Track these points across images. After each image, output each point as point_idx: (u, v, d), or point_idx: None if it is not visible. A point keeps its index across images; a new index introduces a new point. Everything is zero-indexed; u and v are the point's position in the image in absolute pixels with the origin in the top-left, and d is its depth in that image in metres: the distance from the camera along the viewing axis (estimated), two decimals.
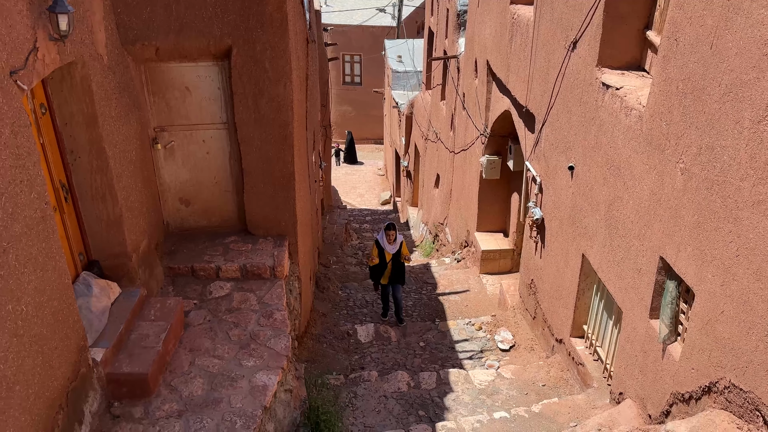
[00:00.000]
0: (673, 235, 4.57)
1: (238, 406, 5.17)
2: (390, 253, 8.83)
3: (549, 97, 7.04)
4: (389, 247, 8.80)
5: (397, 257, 8.86)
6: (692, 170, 4.30)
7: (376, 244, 8.87)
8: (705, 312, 4.21)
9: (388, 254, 8.84)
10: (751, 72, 3.65)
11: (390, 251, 8.82)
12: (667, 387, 4.79)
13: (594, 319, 6.61)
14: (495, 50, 9.25)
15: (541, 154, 7.52)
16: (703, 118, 4.15)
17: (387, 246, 8.79)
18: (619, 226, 5.48)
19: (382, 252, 8.83)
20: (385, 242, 8.78)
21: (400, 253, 8.86)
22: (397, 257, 8.85)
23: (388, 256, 8.85)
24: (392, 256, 8.84)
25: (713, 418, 4.02)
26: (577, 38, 6.22)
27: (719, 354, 4.05)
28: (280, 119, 6.51)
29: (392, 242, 8.77)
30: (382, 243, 8.80)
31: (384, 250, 8.82)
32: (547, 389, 6.97)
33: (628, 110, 5.24)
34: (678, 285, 4.66)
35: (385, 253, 8.84)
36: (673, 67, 4.51)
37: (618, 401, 5.76)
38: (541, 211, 7.52)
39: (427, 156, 16.24)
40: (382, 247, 8.81)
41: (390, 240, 8.74)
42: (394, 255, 8.84)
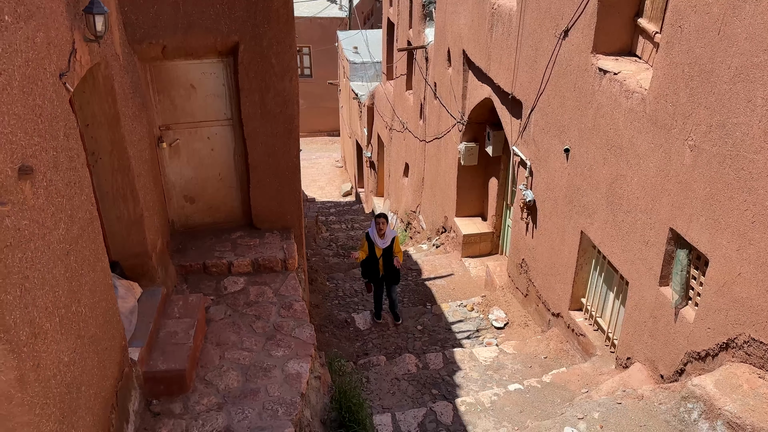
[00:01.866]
0: (684, 207, 4.96)
1: (276, 394, 5.30)
2: (381, 248, 8.10)
3: (539, 84, 7.37)
4: (380, 242, 8.06)
5: (389, 254, 8.14)
6: (702, 146, 4.69)
7: (366, 237, 8.18)
8: (720, 276, 4.62)
9: (379, 249, 8.12)
10: (763, 55, 4.04)
11: (381, 245, 8.09)
12: (680, 348, 5.20)
13: (593, 292, 7.02)
14: (472, 40, 9.54)
15: (530, 138, 7.87)
16: (712, 99, 4.53)
17: (377, 240, 8.05)
18: (623, 202, 5.87)
19: (372, 247, 8.13)
20: (375, 235, 8.04)
21: (391, 249, 8.13)
22: (389, 254, 8.14)
23: (379, 252, 8.13)
24: (383, 251, 8.12)
25: (734, 371, 4.44)
26: (569, 27, 6.56)
27: (737, 313, 4.47)
28: (286, 113, 6.60)
29: (383, 235, 8.03)
30: (372, 236, 8.08)
31: (374, 245, 8.12)
32: (549, 361, 7.36)
33: (629, 93, 5.61)
34: (689, 253, 5.07)
35: (375, 248, 8.13)
36: (678, 52, 4.88)
37: (626, 366, 6.17)
38: (533, 193, 7.87)
39: (393, 146, 16.46)
40: (372, 240, 8.10)
41: (380, 232, 8.00)
42: (385, 250, 8.11)
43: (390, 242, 8.05)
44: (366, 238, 8.13)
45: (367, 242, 8.11)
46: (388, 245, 8.05)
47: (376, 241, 8.06)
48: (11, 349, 2.98)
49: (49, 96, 3.60)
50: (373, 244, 8.09)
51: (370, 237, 8.08)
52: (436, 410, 6.25)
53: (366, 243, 8.13)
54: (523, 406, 6.20)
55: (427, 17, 13.37)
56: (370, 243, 8.10)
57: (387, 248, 8.09)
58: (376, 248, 8.09)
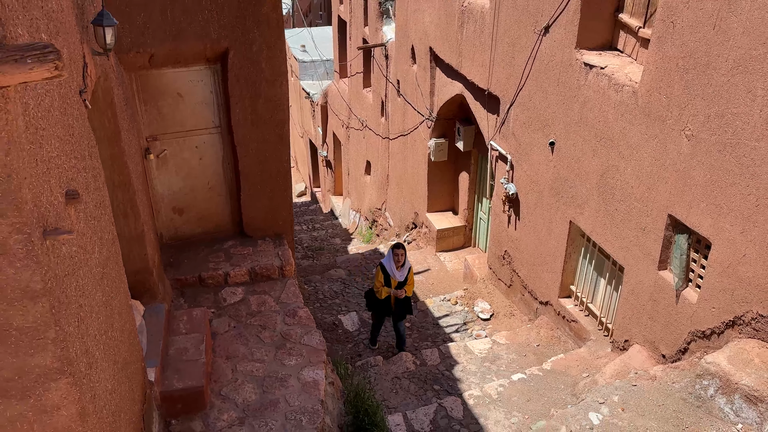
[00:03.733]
0: (683, 194, 5.21)
1: (296, 404, 5.26)
2: (397, 280, 7.25)
3: (518, 80, 7.54)
4: (397, 274, 7.20)
5: (403, 285, 7.33)
6: (701, 136, 4.94)
7: (381, 269, 7.25)
8: (724, 258, 4.89)
9: (394, 282, 7.26)
10: (761, 48, 4.30)
11: (398, 278, 7.22)
12: (683, 328, 5.47)
13: (583, 280, 7.26)
14: (441, 38, 9.64)
15: (509, 133, 8.05)
16: (710, 90, 4.77)
17: (395, 272, 7.19)
18: (616, 191, 6.10)
19: (388, 279, 7.24)
20: (392, 266, 7.16)
21: (406, 281, 7.32)
22: (402, 286, 7.32)
23: (394, 284, 7.28)
24: (398, 284, 7.29)
25: (743, 347, 4.71)
26: (550, 23, 6.74)
27: (743, 291, 4.74)
28: (277, 118, 6.51)
29: (400, 266, 7.18)
30: (389, 268, 7.19)
31: (390, 277, 7.23)
32: (542, 348, 7.58)
33: (620, 87, 5.83)
34: (689, 237, 5.33)
35: (391, 281, 7.26)
36: (671, 46, 5.12)
37: (623, 348, 6.43)
38: (515, 186, 8.06)
39: (352, 144, 16.44)
40: (388, 272, 7.21)
41: (398, 263, 7.15)
42: (400, 283, 7.29)
43: (406, 273, 7.30)
44: (381, 270, 7.26)
45: (383, 274, 7.25)
46: (404, 277, 7.29)
47: (393, 274, 7.21)
48: (74, 382, 2.85)
49: (76, 115, 3.45)
50: (388, 276, 7.24)
51: (385, 269, 7.23)
52: (446, 405, 6.34)
53: (381, 275, 7.27)
54: (529, 395, 6.37)
55: (384, 15, 13.40)
56: (385, 275, 7.25)
57: (402, 281, 7.32)
58: (392, 280, 7.25)
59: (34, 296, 2.59)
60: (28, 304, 2.59)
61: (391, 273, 7.19)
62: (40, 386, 2.79)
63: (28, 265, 2.53)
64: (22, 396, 2.79)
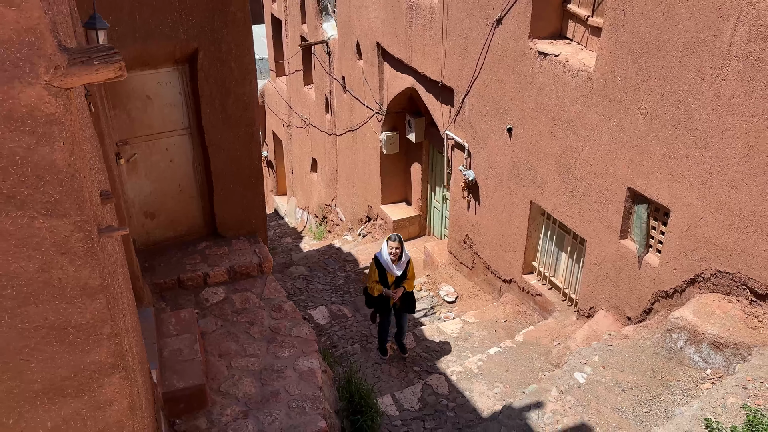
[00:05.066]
0: (641, 168, 5.70)
1: (297, 392, 5.39)
2: (394, 275, 6.63)
3: (472, 71, 7.90)
4: (393, 268, 6.58)
5: (402, 280, 6.72)
6: (655, 113, 5.42)
7: (375, 264, 6.68)
8: (683, 222, 5.39)
9: (391, 277, 6.66)
10: (708, 31, 4.79)
11: (394, 273, 6.60)
12: (647, 290, 5.98)
13: (545, 256, 7.72)
14: (388, 33, 9.90)
15: (465, 122, 8.41)
16: (662, 71, 5.26)
17: (391, 267, 6.57)
18: (576, 170, 6.55)
19: (384, 275, 6.66)
20: (388, 261, 6.55)
21: (405, 276, 6.71)
22: (401, 281, 6.71)
23: (391, 279, 6.68)
24: (395, 279, 6.68)
25: (705, 300, 5.23)
26: (502, 15, 7.13)
27: (702, 251, 5.26)
28: (247, 117, 6.58)
29: (397, 260, 6.59)
30: (384, 262, 6.58)
31: (386, 272, 6.65)
32: (510, 323, 7.99)
33: (574, 72, 6.27)
34: (648, 207, 5.82)
35: (387, 276, 6.67)
36: (623, 32, 5.58)
37: (589, 315, 6.91)
38: (474, 172, 8.43)
39: (294, 143, 16.47)
40: (383, 267, 6.62)
41: (394, 257, 6.56)
42: (398, 278, 6.67)
43: (405, 267, 6.67)
44: (375, 264, 6.68)
45: (377, 269, 6.67)
46: (402, 271, 6.65)
47: (389, 268, 6.60)
48: (126, 376, 2.93)
49: (87, 118, 3.48)
50: (384, 271, 6.66)
51: (380, 263, 6.64)
52: (431, 383, 6.62)
53: (375, 270, 6.69)
54: (507, 366, 6.74)
55: (323, 12, 13.53)
56: (380, 269, 6.67)
57: (400, 275, 6.68)
58: (388, 275, 6.67)
59: (92, 293, 2.65)
60: (86, 302, 2.65)
61: (386, 267, 6.58)
62: (95, 382, 2.84)
63: (88, 262, 2.59)
64: (77, 393, 2.83)
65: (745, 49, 4.55)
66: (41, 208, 2.42)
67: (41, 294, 2.56)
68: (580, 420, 4.81)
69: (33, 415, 2.79)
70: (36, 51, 2.22)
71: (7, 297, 2.51)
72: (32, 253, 2.47)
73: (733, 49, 4.63)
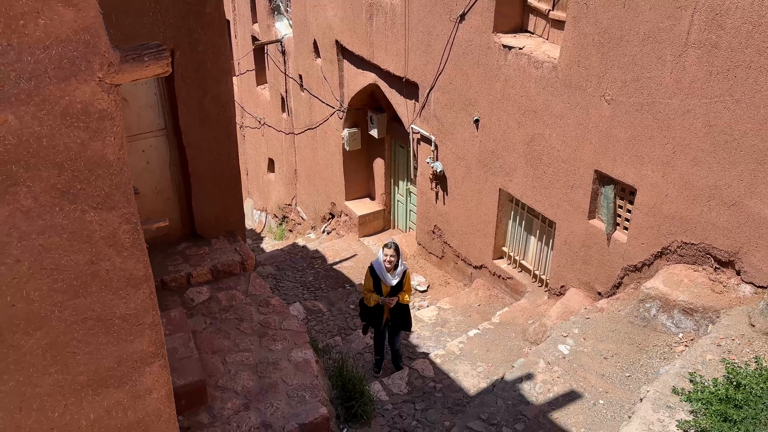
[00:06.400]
0: (607, 151, 6.08)
1: (295, 382, 5.52)
2: (388, 285, 6.30)
3: (437, 65, 8.17)
4: (388, 278, 6.25)
5: (398, 292, 6.38)
6: (619, 99, 5.81)
7: (370, 272, 6.38)
8: (649, 200, 5.81)
9: (386, 287, 6.33)
10: (667, 21, 5.19)
11: (389, 283, 6.27)
12: (616, 265, 6.38)
13: (514, 240, 8.07)
14: (348, 31, 10.06)
15: (431, 115, 8.67)
16: (625, 59, 5.64)
17: (385, 276, 6.25)
18: (543, 157, 6.90)
19: (378, 284, 6.33)
20: (383, 270, 6.24)
21: (400, 287, 6.38)
22: (397, 293, 6.37)
23: (386, 290, 6.34)
24: (390, 290, 6.34)
25: (673, 271, 5.66)
26: (466, 11, 7.42)
27: (668, 226, 5.69)
28: (224, 117, 6.64)
29: (392, 269, 6.28)
30: (380, 271, 6.26)
31: (381, 282, 6.31)
32: (483, 307, 8.32)
33: (539, 63, 6.61)
34: (614, 188, 6.22)
35: (381, 286, 6.34)
36: (586, 24, 5.94)
37: (560, 293, 7.30)
38: (442, 164, 8.71)
39: (249, 144, 16.40)
40: (378, 276, 6.29)
41: (390, 266, 6.24)
42: (393, 289, 6.34)
43: (401, 278, 6.34)
44: (370, 273, 6.39)
45: (372, 277, 6.37)
46: (398, 282, 6.32)
47: (383, 277, 6.27)
48: (164, 365, 3.02)
49: None
50: (378, 280, 6.32)
51: (375, 272, 6.33)
52: (416, 368, 6.85)
53: (370, 279, 6.39)
54: (487, 346, 7.04)
55: (275, 11, 13.56)
56: (374, 278, 6.36)
57: (395, 286, 6.33)
58: (382, 285, 6.33)
59: (136, 284, 2.74)
60: (131, 292, 2.74)
61: (381, 276, 6.26)
62: (136, 372, 2.93)
63: (134, 253, 2.68)
64: (120, 383, 2.91)
65: (703, 36, 4.96)
66: (92, 202, 2.50)
67: (90, 286, 2.63)
68: (569, 387, 5.13)
69: (77, 407, 2.85)
70: (92, 49, 2.31)
71: (58, 291, 2.57)
72: (83, 246, 2.54)
73: (691, 37, 5.04)
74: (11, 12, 2.13)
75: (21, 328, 2.56)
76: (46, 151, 2.34)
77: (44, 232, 2.44)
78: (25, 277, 2.48)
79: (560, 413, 4.92)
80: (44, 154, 2.34)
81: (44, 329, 2.61)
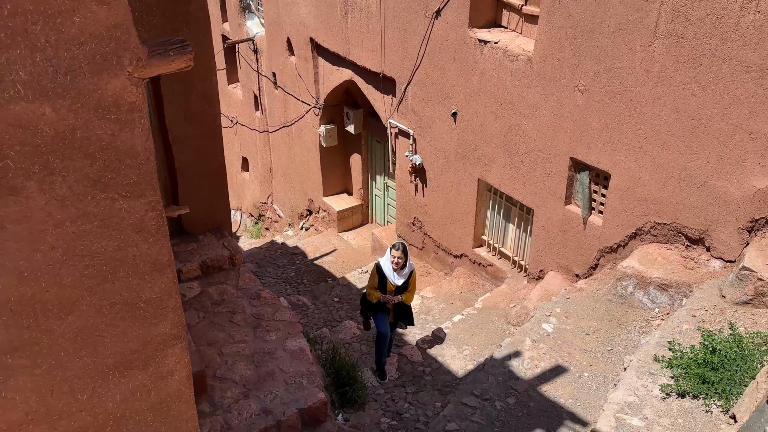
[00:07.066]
0: (582, 138, 6.39)
1: (292, 370, 5.68)
2: (394, 284, 6.28)
3: (413, 61, 8.39)
4: (395, 277, 6.26)
5: (403, 292, 6.38)
6: (592, 89, 6.11)
7: (376, 269, 6.36)
8: (622, 184, 6.13)
9: (391, 286, 6.30)
10: (636, 14, 5.50)
11: (395, 282, 6.27)
12: (593, 247, 6.70)
13: (493, 228, 8.35)
14: (323, 28, 10.21)
15: (409, 110, 8.89)
16: (597, 51, 5.94)
17: (391, 275, 6.24)
18: (521, 146, 7.18)
19: (384, 282, 6.30)
20: (389, 269, 6.23)
21: (406, 286, 6.36)
22: (401, 291, 6.36)
23: (390, 289, 6.32)
24: (396, 289, 6.32)
25: (647, 250, 5.99)
26: (441, 7, 7.65)
27: (642, 208, 6.01)
28: (209, 113, 6.74)
29: (399, 270, 6.25)
30: (386, 270, 6.25)
31: (387, 280, 6.29)
32: (465, 294, 8.58)
33: (514, 57, 6.88)
34: (589, 173, 6.53)
35: (387, 284, 6.30)
36: (559, 18, 6.23)
37: (539, 277, 7.60)
38: (420, 157, 8.94)
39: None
40: (384, 275, 6.28)
41: (397, 266, 6.21)
42: (398, 288, 6.32)
43: (407, 278, 6.33)
44: (376, 270, 6.36)
45: (378, 275, 6.34)
46: (403, 282, 6.31)
47: (389, 276, 6.26)
48: (185, 347, 3.16)
49: None
50: (384, 278, 6.31)
51: (382, 270, 6.31)
52: (405, 353, 7.07)
53: (375, 276, 6.36)
54: (472, 330, 7.30)
55: (246, 10, 13.62)
56: (380, 277, 6.33)
57: (401, 286, 6.33)
58: (388, 283, 6.31)
59: (161, 268, 2.88)
60: (156, 276, 2.88)
61: (387, 276, 6.25)
62: (159, 354, 3.06)
63: (159, 239, 2.82)
64: (144, 366, 3.04)
65: (670, 28, 5.28)
66: (121, 190, 2.63)
67: (118, 271, 2.77)
68: (555, 362, 5.41)
69: (105, 389, 2.97)
70: (122, 45, 2.45)
71: (89, 276, 2.70)
72: (112, 233, 2.68)
73: (659, 29, 5.36)
74: (49, 10, 2.26)
75: (54, 313, 2.68)
76: (80, 142, 2.47)
77: (77, 219, 2.57)
78: (58, 264, 2.60)
79: (548, 386, 5.19)
80: (78, 145, 2.47)
81: (75, 313, 2.73)
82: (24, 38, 2.25)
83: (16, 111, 2.30)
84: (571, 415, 4.83)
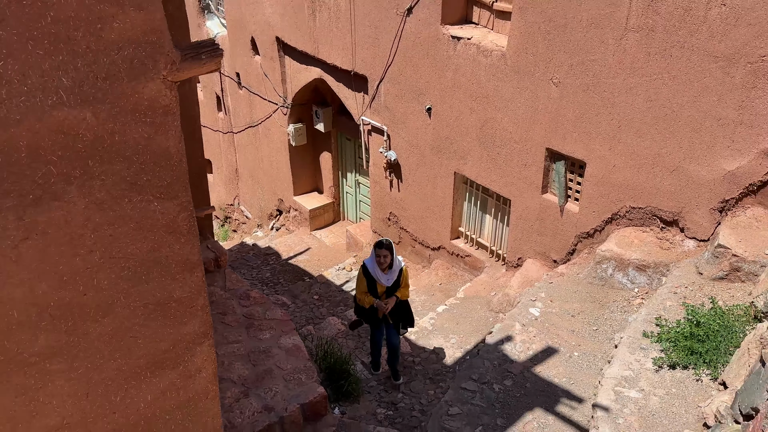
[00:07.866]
0: (557, 129, 6.64)
1: (289, 367, 5.75)
2: (384, 285, 5.95)
3: (386, 58, 8.52)
4: (383, 278, 5.91)
5: (395, 291, 6.04)
6: (566, 82, 6.37)
7: (363, 272, 5.99)
8: (598, 172, 6.40)
9: (381, 287, 5.98)
10: (608, 8, 5.77)
11: (384, 283, 5.93)
12: (570, 234, 6.97)
13: (470, 220, 8.57)
14: (290, 27, 10.23)
15: (382, 106, 9.02)
16: (570, 45, 6.19)
17: (380, 275, 5.89)
18: (496, 139, 7.40)
19: (373, 284, 5.97)
20: (376, 269, 5.87)
21: (398, 285, 6.02)
22: (394, 292, 6.04)
23: (381, 289, 5.99)
24: (386, 289, 5.99)
25: (623, 233, 6.29)
26: (413, 5, 7.80)
27: (617, 193, 6.30)
28: (189, 115, 6.70)
29: (386, 269, 5.88)
30: (373, 271, 5.90)
31: (376, 282, 5.95)
32: (444, 285, 8.78)
33: (488, 52, 7.09)
34: (565, 163, 6.79)
35: (377, 286, 5.99)
36: (532, 14, 6.46)
37: (518, 265, 7.85)
38: (395, 152, 9.08)
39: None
40: (372, 276, 5.93)
41: (383, 266, 5.84)
42: (389, 289, 5.98)
43: (397, 276, 5.99)
44: (363, 273, 6.00)
45: (366, 278, 5.99)
46: (394, 281, 5.98)
47: (378, 277, 5.92)
48: (212, 344, 3.22)
49: None
50: (373, 280, 5.97)
51: (369, 272, 5.96)
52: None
53: (363, 279, 6.01)
54: (457, 320, 7.49)
55: (206, 10, 13.50)
56: (368, 279, 5.99)
57: (392, 286, 6.00)
58: (378, 285, 5.99)
59: (191, 267, 2.93)
60: (186, 276, 2.93)
61: (375, 276, 5.92)
62: (189, 352, 3.11)
63: (190, 239, 2.88)
64: (174, 365, 3.09)
65: (641, 21, 5.56)
66: (156, 192, 2.68)
67: (151, 272, 2.80)
68: (545, 344, 5.64)
69: (137, 390, 3.01)
70: (158, 49, 2.50)
71: (124, 278, 2.73)
72: (147, 234, 2.72)
73: (630, 22, 5.64)
74: (91, 17, 2.30)
75: (91, 316, 2.71)
76: (118, 145, 2.50)
77: (114, 222, 2.60)
78: (96, 267, 2.63)
79: (542, 367, 5.42)
80: (116, 149, 2.51)
81: (111, 316, 2.76)
82: (66, 45, 2.28)
83: (59, 117, 2.33)
84: (566, 393, 5.06)
